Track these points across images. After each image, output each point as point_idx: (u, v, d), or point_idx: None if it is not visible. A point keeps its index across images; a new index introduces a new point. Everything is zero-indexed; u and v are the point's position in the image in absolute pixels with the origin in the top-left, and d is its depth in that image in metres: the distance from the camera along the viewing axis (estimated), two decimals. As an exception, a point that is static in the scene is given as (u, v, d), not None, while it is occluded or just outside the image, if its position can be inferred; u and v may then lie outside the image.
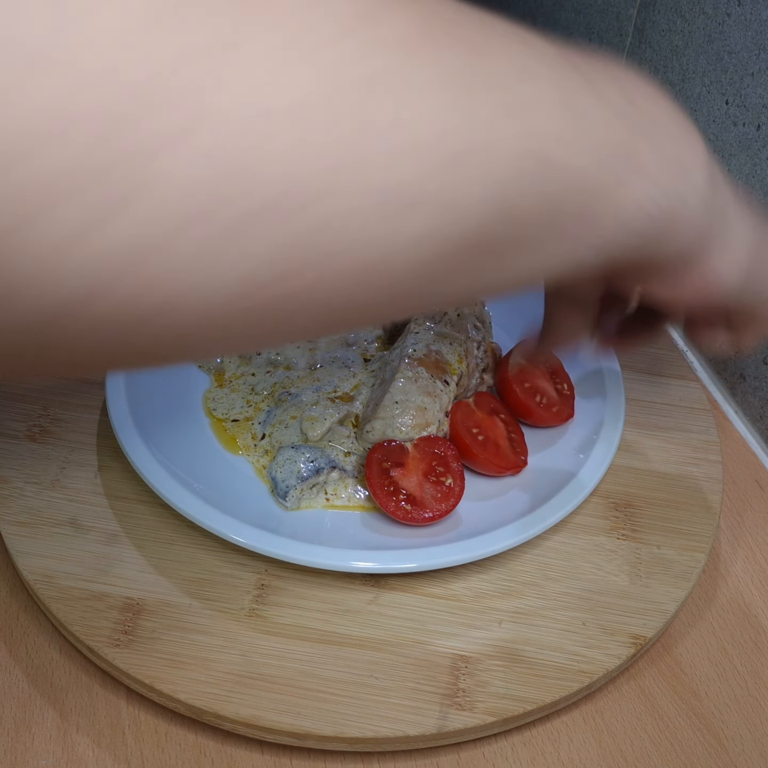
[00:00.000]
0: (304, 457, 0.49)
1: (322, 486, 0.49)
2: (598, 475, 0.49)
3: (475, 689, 0.42)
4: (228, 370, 0.56)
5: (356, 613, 0.44)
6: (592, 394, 0.54)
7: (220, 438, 0.52)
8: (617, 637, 0.44)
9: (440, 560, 0.44)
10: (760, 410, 0.59)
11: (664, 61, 0.65)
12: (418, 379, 0.50)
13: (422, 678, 0.42)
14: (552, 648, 0.43)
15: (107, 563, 0.45)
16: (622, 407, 0.53)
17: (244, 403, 0.54)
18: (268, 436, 0.52)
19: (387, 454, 0.49)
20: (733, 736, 0.43)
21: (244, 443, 0.52)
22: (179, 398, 0.53)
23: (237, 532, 0.44)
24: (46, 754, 0.41)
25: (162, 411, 0.51)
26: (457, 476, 0.48)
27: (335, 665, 0.42)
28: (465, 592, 0.46)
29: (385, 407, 0.50)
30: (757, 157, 0.56)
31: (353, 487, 0.50)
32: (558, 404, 0.53)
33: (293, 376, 0.55)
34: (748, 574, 0.50)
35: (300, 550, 0.44)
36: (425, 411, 0.50)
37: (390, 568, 0.44)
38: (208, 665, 0.42)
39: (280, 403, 0.53)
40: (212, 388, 0.55)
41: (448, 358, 0.52)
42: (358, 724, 0.40)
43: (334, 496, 0.49)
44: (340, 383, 0.54)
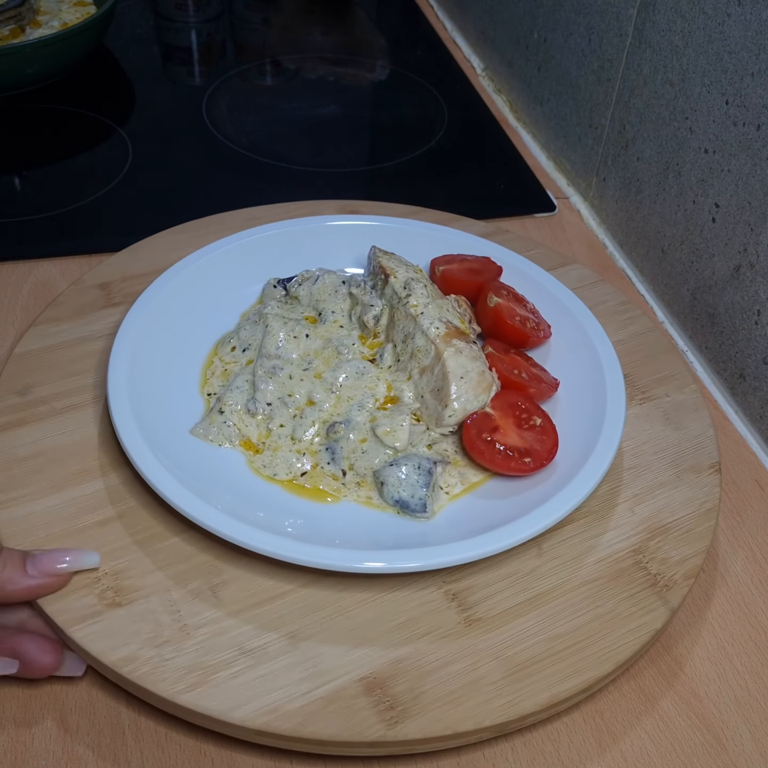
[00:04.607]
0: (411, 467, 0.49)
1: (437, 484, 0.50)
2: (618, 431, 0.51)
3: (663, 568, 0.47)
4: (252, 435, 0.52)
5: (536, 570, 0.47)
6: (585, 363, 0.56)
7: (302, 495, 0.49)
8: (703, 472, 0.52)
9: (574, 501, 0.47)
10: (760, 410, 0.59)
11: (664, 61, 0.65)
12: (461, 350, 0.52)
13: (626, 585, 0.46)
14: (677, 506, 0.50)
15: (312, 664, 0.42)
16: (615, 360, 0.55)
17: (297, 454, 0.51)
18: (350, 470, 0.50)
19: (480, 427, 0.51)
20: (733, 736, 0.43)
21: (330, 488, 0.50)
22: (232, 483, 0.49)
23: (419, 558, 0.44)
24: (46, 754, 0.41)
25: (231, 498, 0.47)
26: (540, 414, 0.52)
27: (561, 617, 0.45)
28: (593, 503, 0.50)
29: (454, 387, 0.51)
30: (757, 157, 0.56)
31: (457, 472, 0.51)
32: (538, 324, 0.58)
33: (324, 406, 0.53)
34: (748, 574, 0.50)
35: (476, 545, 0.45)
36: (484, 374, 0.52)
37: (547, 524, 0.46)
38: (478, 684, 0.42)
39: (335, 435, 0.51)
40: (251, 458, 0.51)
41: (456, 324, 0.54)
42: (623, 645, 0.44)
43: (449, 487, 0.50)
44: (373, 391, 0.54)
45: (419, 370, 0.53)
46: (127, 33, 0.99)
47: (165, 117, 0.86)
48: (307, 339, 0.57)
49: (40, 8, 0.90)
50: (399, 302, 0.55)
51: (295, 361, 0.56)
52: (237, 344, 0.57)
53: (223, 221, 0.67)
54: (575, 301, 0.59)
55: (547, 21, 0.81)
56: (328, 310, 0.59)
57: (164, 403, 0.52)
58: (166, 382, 0.54)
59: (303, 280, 0.60)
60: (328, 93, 0.93)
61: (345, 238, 0.64)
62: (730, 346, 0.61)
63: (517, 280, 0.61)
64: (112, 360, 0.52)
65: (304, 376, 0.55)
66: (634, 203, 0.71)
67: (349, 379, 0.54)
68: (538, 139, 0.86)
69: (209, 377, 0.56)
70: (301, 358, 0.56)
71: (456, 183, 0.80)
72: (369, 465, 0.50)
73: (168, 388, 0.54)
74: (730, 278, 0.60)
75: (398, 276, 0.56)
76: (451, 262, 0.62)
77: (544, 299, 0.60)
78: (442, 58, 0.99)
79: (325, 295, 0.59)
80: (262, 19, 1.06)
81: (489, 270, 0.61)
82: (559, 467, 0.50)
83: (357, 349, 0.57)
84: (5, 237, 0.70)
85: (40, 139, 0.82)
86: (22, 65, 0.81)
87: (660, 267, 0.69)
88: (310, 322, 0.59)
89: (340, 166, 0.81)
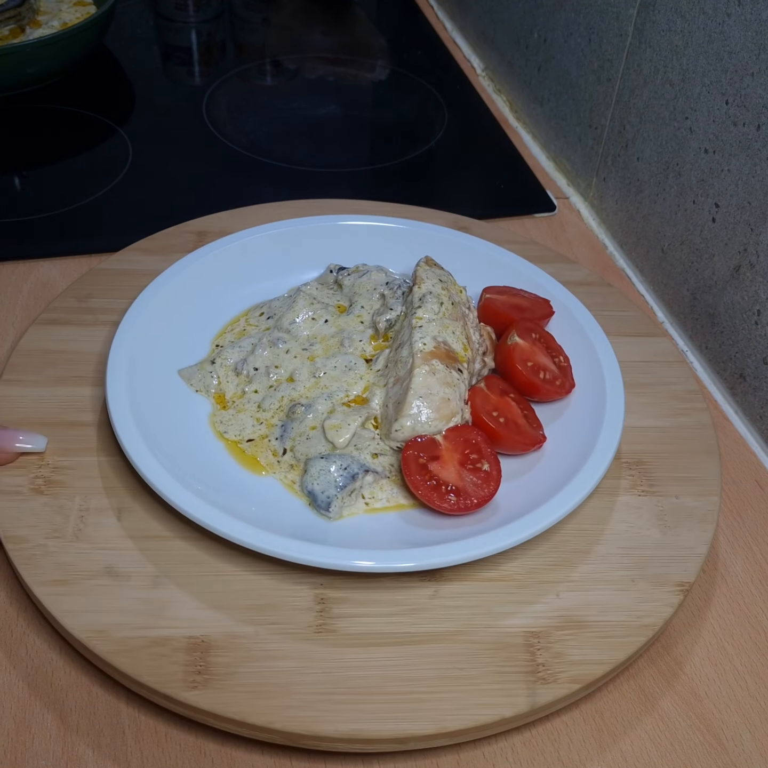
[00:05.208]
0: (337, 466, 0.49)
1: (359, 491, 0.49)
2: (616, 438, 0.50)
3: (553, 662, 0.43)
4: (228, 391, 0.55)
5: (422, 609, 0.45)
6: (583, 362, 0.56)
7: (239, 460, 0.51)
8: (665, 587, 0.46)
9: (496, 546, 0.45)
10: (760, 410, 0.59)
11: (664, 61, 0.65)
12: (436, 371, 0.51)
13: (502, 660, 0.43)
14: (611, 608, 0.45)
15: (158, 607, 0.43)
16: (618, 370, 0.54)
17: (254, 421, 0.53)
18: (290, 451, 0.51)
19: (421, 450, 0.49)
20: (733, 736, 0.43)
21: (266, 461, 0.51)
22: (186, 426, 0.52)
23: (290, 548, 0.43)
24: (46, 754, 0.41)
25: (174, 441, 0.50)
26: (492, 460, 0.49)
27: (419, 664, 0.42)
28: (517, 571, 0.47)
29: (409, 404, 0.50)
30: (757, 157, 0.56)
31: (389, 488, 0.50)
32: (560, 377, 0.55)
33: (299, 387, 0.54)
34: (748, 574, 0.50)
35: (356, 557, 0.44)
36: (449, 402, 0.50)
37: (449, 561, 0.44)
38: (293, 689, 0.41)
39: (293, 416, 0.53)
40: (216, 411, 0.54)
41: (455, 347, 0.53)
42: (457, 717, 0.40)
43: (372, 499, 0.49)
44: (350, 387, 0.54)
45: (395, 379, 0.53)
46: (127, 33, 0.99)
47: (165, 117, 0.86)
48: (324, 324, 0.58)
49: (40, 8, 0.90)
50: (410, 311, 0.55)
51: (300, 339, 0.57)
52: (266, 311, 0.60)
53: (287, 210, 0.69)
54: (608, 356, 0.56)
55: (547, 21, 0.81)
56: (358, 304, 0.60)
57: (168, 342, 0.56)
58: (178, 324, 0.58)
59: (353, 272, 0.62)
60: (328, 93, 0.93)
61: (400, 243, 0.65)
62: (730, 346, 0.61)
63: (563, 323, 0.58)
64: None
65: (300, 354, 0.56)
66: (634, 203, 0.71)
67: (336, 370, 0.55)
68: (538, 139, 0.86)
69: (228, 331, 0.59)
70: (307, 338, 0.57)
71: (456, 183, 0.80)
72: (306, 452, 0.51)
73: (179, 330, 0.58)
74: (730, 278, 0.60)
75: (422, 287, 0.56)
76: (503, 293, 0.60)
77: (581, 348, 0.57)
78: (442, 58, 0.99)
79: (363, 290, 0.60)
80: (262, 19, 1.06)
81: (537, 310, 0.59)
82: (494, 511, 0.48)
83: (361, 346, 0.57)
84: (5, 237, 0.70)
85: (40, 139, 0.82)
86: (22, 65, 0.81)
87: (660, 267, 0.69)
88: (340, 310, 0.60)
89: (340, 166, 0.81)
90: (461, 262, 0.62)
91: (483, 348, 0.56)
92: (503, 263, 0.63)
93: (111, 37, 0.94)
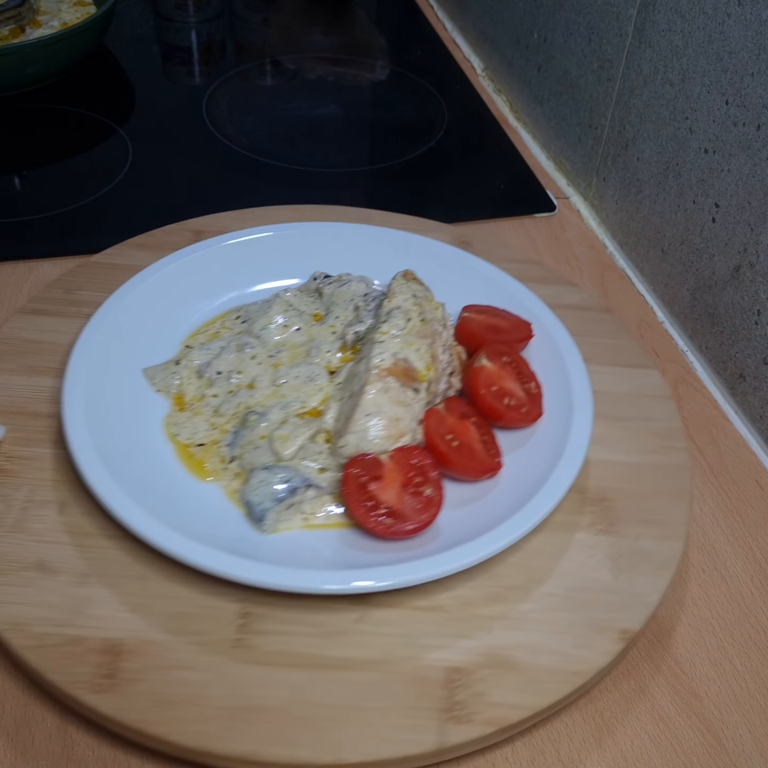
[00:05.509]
0: (278, 478, 0.48)
1: (299, 506, 0.48)
2: (573, 472, 0.48)
3: (471, 701, 0.41)
4: (188, 393, 0.54)
5: (343, 633, 0.43)
6: (557, 389, 0.54)
7: (186, 464, 0.50)
8: (606, 633, 0.43)
9: (426, 573, 0.43)
10: (760, 410, 0.59)
11: (664, 61, 0.65)
12: (389, 389, 0.49)
13: (417, 694, 0.41)
14: (543, 651, 0.43)
15: (81, 605, 0.43)
16: (589, 401, 0.52)
17: (209, 426, 0.52)
18: (238, 459, 0.50)
19: (363, 469, 0.48)
20: (733, 736, 0.43)
21: (212, 467, 0.50)
22: (139, 426, 0.52)
23: (215, 561, 0.43)
24: (46, 754, 0.41)
25: (123, 440, 0.50)
26: (435, 485, 0.47)
27: (327, 690, 0.41)
28: (451, 602, 0.44)
29: (357, 421, 0.48)
30: (757, 157, 0.56)
31: (330, 505, 0.48)
32: (527, 404, 0.53)
33: (257, 394, 0.53)
34: (748, 574, 0.50)
35: (282, 576, 0.42)
36: (398, 421, 0.49)
37: (374, 587, 0.43)
38: (196, 702, 0.40)
39: (246, 423, 0.51)
40: (172, 413, 0.53)
41: (416, 366, 0.51)
42: (357, 749, 0.39)
43: (311, 515, 0.48)
44: (307, 398, 0.53)
45: (350, 394, 0.52)
46: (127, 33, 0.99)
47: (165, 117, 0.86)
48: (296, 332, 0.57)
49: (40, 8, 0.90)
50: (376, 325, 0.54)
51: (268, 345, 0.56)
52: (242, 314, 0.59)
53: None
54: (580, 381, 0.54)
55: (547, 21, 0.81)
56: (333, 314, 0.59)
57: (140, 339, 0.56)
58: (147, 322, 0.57)
59: (335, 281, 0.61)
60: (328, 93, 0.93)
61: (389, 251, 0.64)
62: (730, 346, 0.61)
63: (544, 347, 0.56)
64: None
65: (265, 361, 0.55)
66: (634, 203, 0.71)
67: (297, 380, 0.54)
68: (538, 139, 0.86)
69: (202, 332, 0.59)
70: (275, 345, 0.56)
71: (456, 183, 0.80)
72: (252, 461, 0.50)
73: (154, 329, 0.57)
74: (730, 278, 0.60)
75: (392, 301, 0.54)
76: (482, 313, 0.58)
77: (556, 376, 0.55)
78: (442, 58, 0.99)
79: (340, 300, 0.59)
80: (262, 19, 1.06)
81: (515, 332, 0.57)
82: (435, 537, 0.47)
83: (328, 357, 0.56)
84: (5, 237, 0.70)
85: (40, 139, 0.82)
86: (22, 65, 0.81)
87: (660, 267, 0.69)
88: (316, 319, 0.59)
89: (340, 166, 0.81)
90: (449, 277, 0.60)
91: (450, 368, 0.55)
92: (492, 281, 0.61)
93: (111, 37, 0.94)
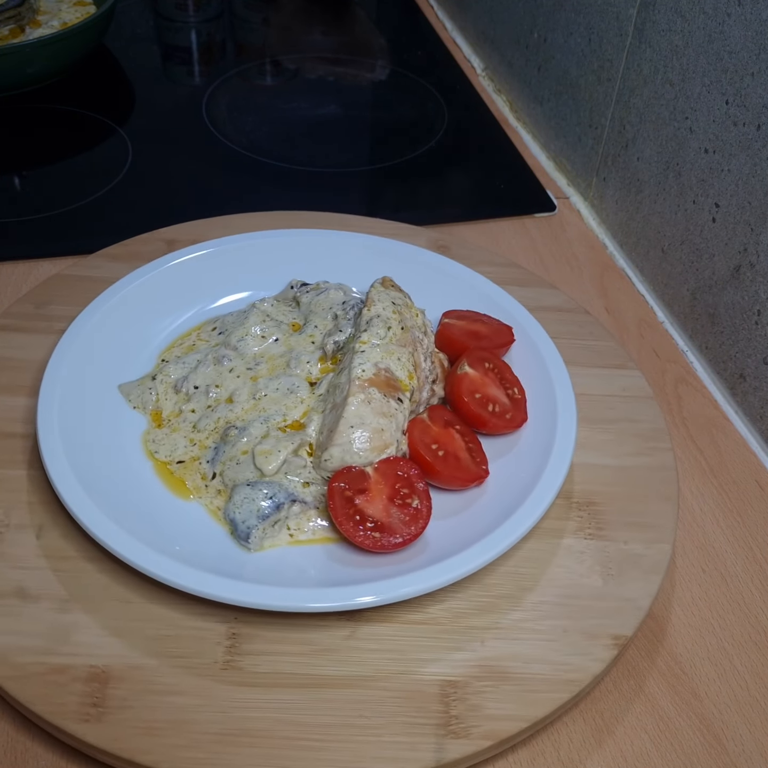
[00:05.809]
0: (262, 494, 0.47)
1: (284, 522, 0.47)
2: (560, 478, 0.48)
3: (467, 714, 0.40)
4: (165, 409, 0.53)
5: (334, 651, 0.42)
6: (540, 394, 0.53)
7: (166, 482, 0.49)
8: (598, 640, 0.43)
9: (417, 587, 0.42)
10: (760, 410, 0.59)
11: (664, 61, 0.65)
12: (371, 400, 0.49)
13: (412, 710, 0.40)
14: (537, 660, 0.42)
15: (63, 632, 0.42)
16: (573, 405, 0.52)
17: (188, 442, 0.51)
18: (219, 475, 0.49)
19: (348, 482, 0.47)
20: (733, 736, 0.43)
21: (193, 485, 0.49)
22: (117, 444, 0.50)
23: (199, 582, 0.41)
24: (46, 755, 0.41)
25: (101, 459, 0.48)
26: (423, 496, 0.47)
27: (319, 709, 0.40)
28: (443, 614, 0.44)
29: (340, 433, 0.47)
30: (757, 157, 0.56)
31: (316, 519, 0.47)
32: (511, 410, 0.52)
33: (237, 408, 0.52)
34: (748, 574, 0.50)
35: (269, 595, 0.41)
36: (382, 433, 0.48)
37: (364, 603, 0.42)
38: (186, 727, 0.39)
39: (226, 438, 0.50)
40: (150, 430, 0.52)
41: (398, 375, 0.51)
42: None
43: (297, 531, 0.47)
44: (288, 411, 0.51)
45: (332, 405, 0.51)
46: (127, 33, 0.99)
47: (165, 117, 0.86)
48: (274, 342, 0.56)
49: (40, 8, 0.90)
50: (356, 334, 0.53)
51: (246, 357, 0.55)
52: (219, 325, 0.58)
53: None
54: (563, 383, 0.53)
55: (547, 21, 0.81)
56: (312, 324, 0.57)
57: (114, 355, 0.55)
58: (121, 338, 0.56)
59: (313, 289, 0.59)
60: (328, 93, 0.93)
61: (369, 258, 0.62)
62: (730, 346, 0.61)
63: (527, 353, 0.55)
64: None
65: (243, 374, 0.54)
66: (634, 203, 0.71)
67: (278, 392, 0.52)
68: (538, 139, 0.86)
69: (178, 345, 0.57)
70: (254, 357, 0.55)
71: (456, 183, 0.80)
72: (235, 477, 0.48)
73: (128, 344, 0.56)
74: (730, 278, 0.60)
75: (371, 310, 0.54)
76: (463, 318, 0.57)
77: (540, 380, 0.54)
78: (442, 58, 0.99)
79: (318, 309, 0.58)
80: (262, 19, 1.06)
81: (496, 337, 0.56)
82: (423, 549, 0.46)
83: (308, 368, 0.54)
84: (5, 237, 0.70)
85: (40, 139, 0.82)
86: (22, 65, 0.81)
87: (660, 267, 0.69)
88: (294, 329, 0.58)
89: (340, 166, 0.81)
90: (427, 282, 0.59)
91: (433, 376, 0.54)
92: (471, 286, 0.60)
93: (111, 37, 0.94)
